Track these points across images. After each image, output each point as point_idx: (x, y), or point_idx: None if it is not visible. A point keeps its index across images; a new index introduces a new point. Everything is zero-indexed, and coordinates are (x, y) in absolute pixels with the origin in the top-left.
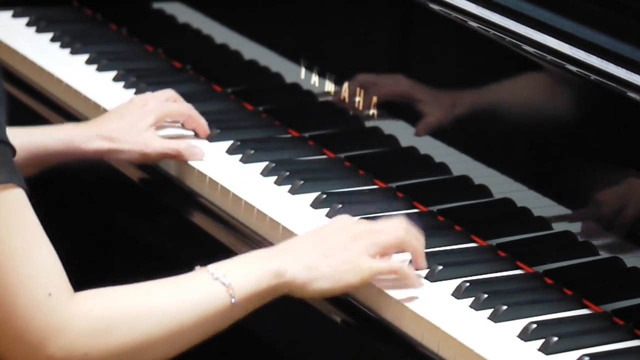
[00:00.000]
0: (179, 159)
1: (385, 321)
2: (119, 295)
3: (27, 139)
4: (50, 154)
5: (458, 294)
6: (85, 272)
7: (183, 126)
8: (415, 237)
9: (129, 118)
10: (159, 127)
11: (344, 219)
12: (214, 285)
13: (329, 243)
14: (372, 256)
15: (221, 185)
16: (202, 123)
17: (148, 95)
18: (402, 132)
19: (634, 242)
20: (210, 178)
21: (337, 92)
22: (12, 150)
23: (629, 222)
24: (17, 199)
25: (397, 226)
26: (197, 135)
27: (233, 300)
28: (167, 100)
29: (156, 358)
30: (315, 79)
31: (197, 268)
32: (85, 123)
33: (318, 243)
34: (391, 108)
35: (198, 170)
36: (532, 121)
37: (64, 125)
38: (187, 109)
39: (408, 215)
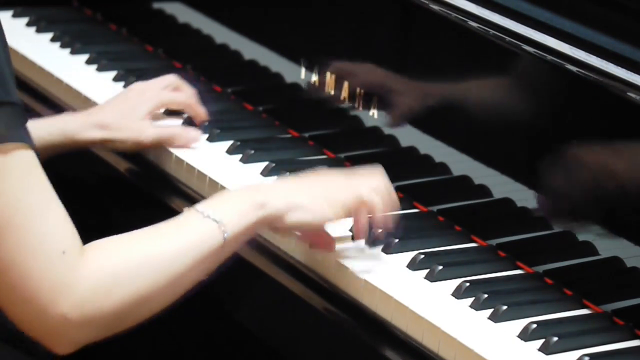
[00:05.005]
0: (174, 144)
1: (382, 319)
2: (122, 248)
3: None
4: (46, 147)
5: (458, 294)
6: None
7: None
8: (390, 201)
9: (125, 106)
10: (154, 116)
11: (325, 169)
12: (206, 223)
13: (309, 183)
14: (349, 195)
15: (221, 185)
16: (200, 112)
17: (147, 83)
18: (402, 132)
19: (634, 241)
20: (210, 178)
21: (337, 92)
22: (24, 113)
23: (631, 221)
24: (31, 157)
25: (379, 183)
26: (192, 124)
27: (225, 235)
28: (166, 88)
29: (161, 305)
30: (315, 79)
31: (185, 209)
32: (80, 112)
33: (298, 182)
34: (391, 108)
35: (198, 170)
36: (532, 121)
37: (58, 117)
38: (185, 98)
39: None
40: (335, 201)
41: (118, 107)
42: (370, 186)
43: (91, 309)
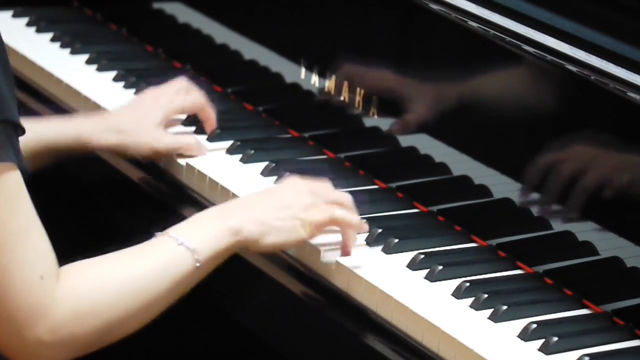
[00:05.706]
0: (188, 153)
1: (382, 318)
2: (98, 273)
3: (34, 133)
4: (59, 149)
5: (458, 294)
6: None
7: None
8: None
9: (141, 112)
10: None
11: (295, 179)
12: (180, 251)
13: (280, 199)
14: (320, 213)
15: (221, 185)
16: (212, 115)
17: (160, 89)
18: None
19: (634, 241)
20: (210, 178)
21: (337, 92)
22: (21, 129)
23: (631, 221)
24: (18, 179)
25: (348, 197)
26: (198, 130)
27: (198, 264)
28: (178, 92)
29: (134, 328)
30: (315, 79)
31: (157, 234)
32: (95, 116)
33: (270, 199)
34: (391, 108)
35: (198, 170)
36: (532, 121)
37: (72, 119)
38: (198, 102)
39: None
40: (309, 222)
41: (134, 112)
42: (340, 201)
43: (66, 333)
